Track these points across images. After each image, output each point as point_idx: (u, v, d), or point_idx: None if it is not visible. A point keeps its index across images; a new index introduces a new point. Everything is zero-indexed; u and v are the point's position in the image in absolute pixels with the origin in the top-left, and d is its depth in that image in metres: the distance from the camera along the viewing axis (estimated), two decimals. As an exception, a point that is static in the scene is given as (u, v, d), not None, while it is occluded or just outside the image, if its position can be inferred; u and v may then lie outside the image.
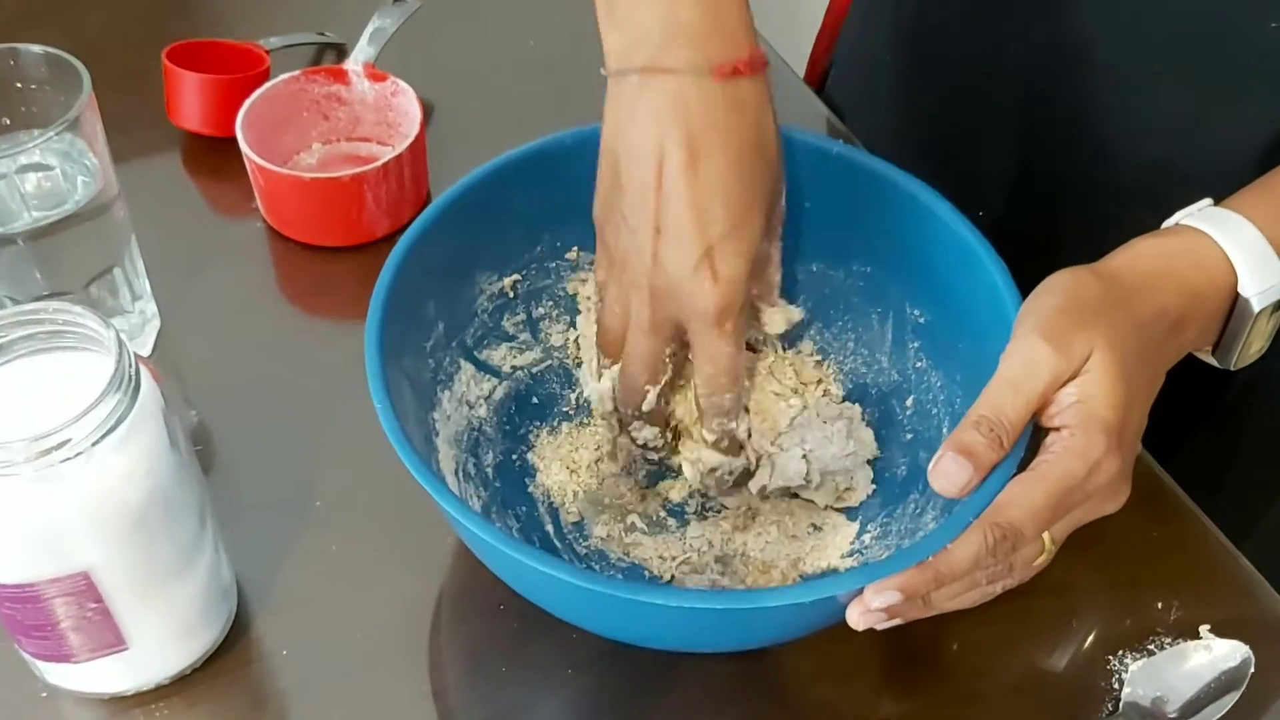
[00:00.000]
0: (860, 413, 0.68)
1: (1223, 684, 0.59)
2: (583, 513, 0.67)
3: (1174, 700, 0.59)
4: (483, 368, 0.68)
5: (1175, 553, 0.66)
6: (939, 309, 0.65)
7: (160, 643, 0.58)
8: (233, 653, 0.61)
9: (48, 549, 0.51)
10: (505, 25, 0.97)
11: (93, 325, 0.51)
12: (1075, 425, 0.52)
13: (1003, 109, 0.80)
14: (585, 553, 0.65)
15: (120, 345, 0.50)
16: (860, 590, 0.50)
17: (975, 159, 0.83)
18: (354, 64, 0.84)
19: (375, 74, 0.84)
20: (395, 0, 0.89)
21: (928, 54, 0.86)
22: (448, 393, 0.65)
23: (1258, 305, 0.57)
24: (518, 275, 0.68)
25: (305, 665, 0.61)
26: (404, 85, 0.83)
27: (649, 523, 0.67)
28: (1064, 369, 0.52)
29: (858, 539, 0.65)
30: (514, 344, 0.69)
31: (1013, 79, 0.78)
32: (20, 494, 0.49)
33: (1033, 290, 0.57)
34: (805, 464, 0.64)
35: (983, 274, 0.60)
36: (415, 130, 0.80)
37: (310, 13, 0.97)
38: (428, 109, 0.86)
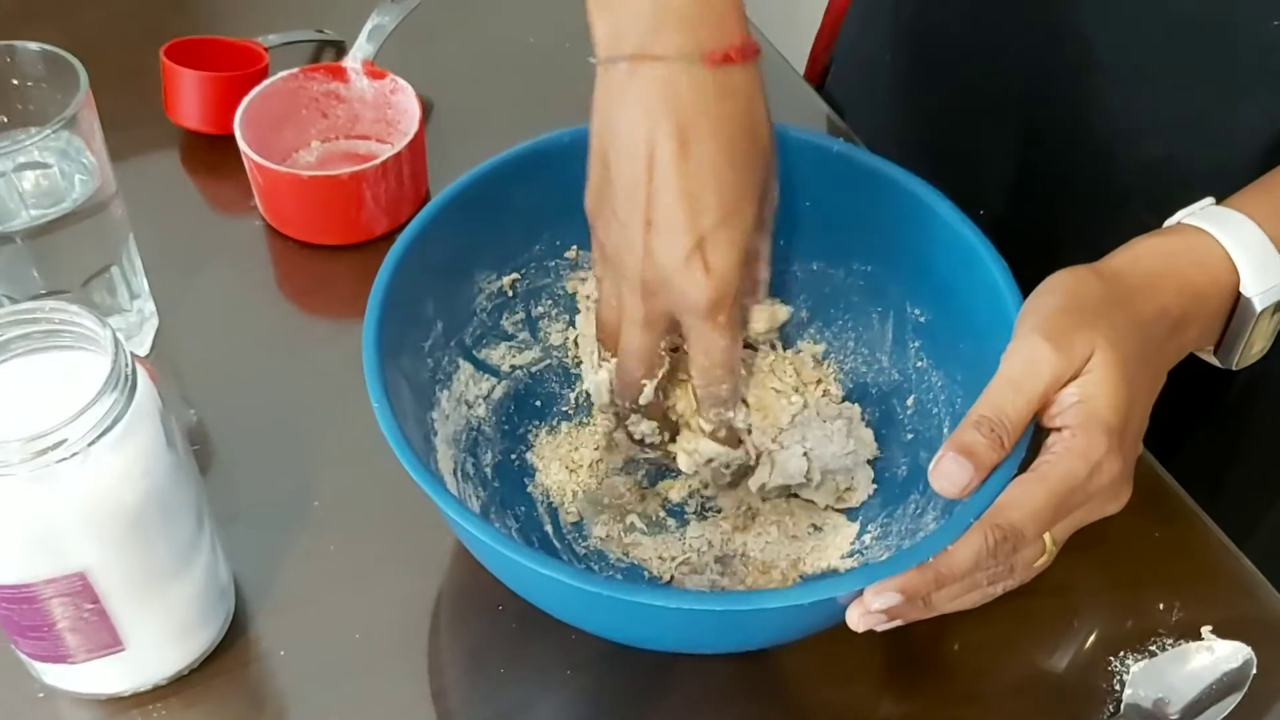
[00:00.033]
0: (860, 412, 0.68)
1: (1225, 685, 0.59)
2: (582, 513, 0.66)
3: (1176, 702, 0.59)
4: (481, 367, 0.68)
5: (1177, 553, 0.66)
6: (940, 308, 0.65)
7: (157, 643, 0.57)
8: (230, 653, 0.61)
9: (44, 549, 0.50)
10: (505, 23, 0.97)
11: (89, 324, 0.51)
12: (1076, 426, 0.51)
13: (1003, 108, 0.80)
14: (584, 553, 0.65)
15: (117, 345, 0.50)
16: (860, 592, 0.50)
17: (976, 158, 0.83)
18: (353, 61, 0.84)
19: (374, 71, 0.83)
20: (394, -3, 0.89)
21: (927, 53, 0.85)
22: (446, 392, 0.65)
23: (1260, 305, 0.57)
24: (517, 274, 0.68)
25: (303, 666, 0.61)
26: (403, 83, 0.82)
27: (648, 523, 0.66)
28: (1065, 369, 0.52)
29: (858, 539, 0.64)
30: (513, 343, 0.69)
31: (1013, 79, 0.78)
32: (16, 494, 0.49)
33: (1033, 289, 0.56)
34: (806, 462, 0.64)
35: (984, 273, 0.60)
36: (414, 128, 0.79)
37: (309, 10, 0.96)
38: (427, 107, 0.86)
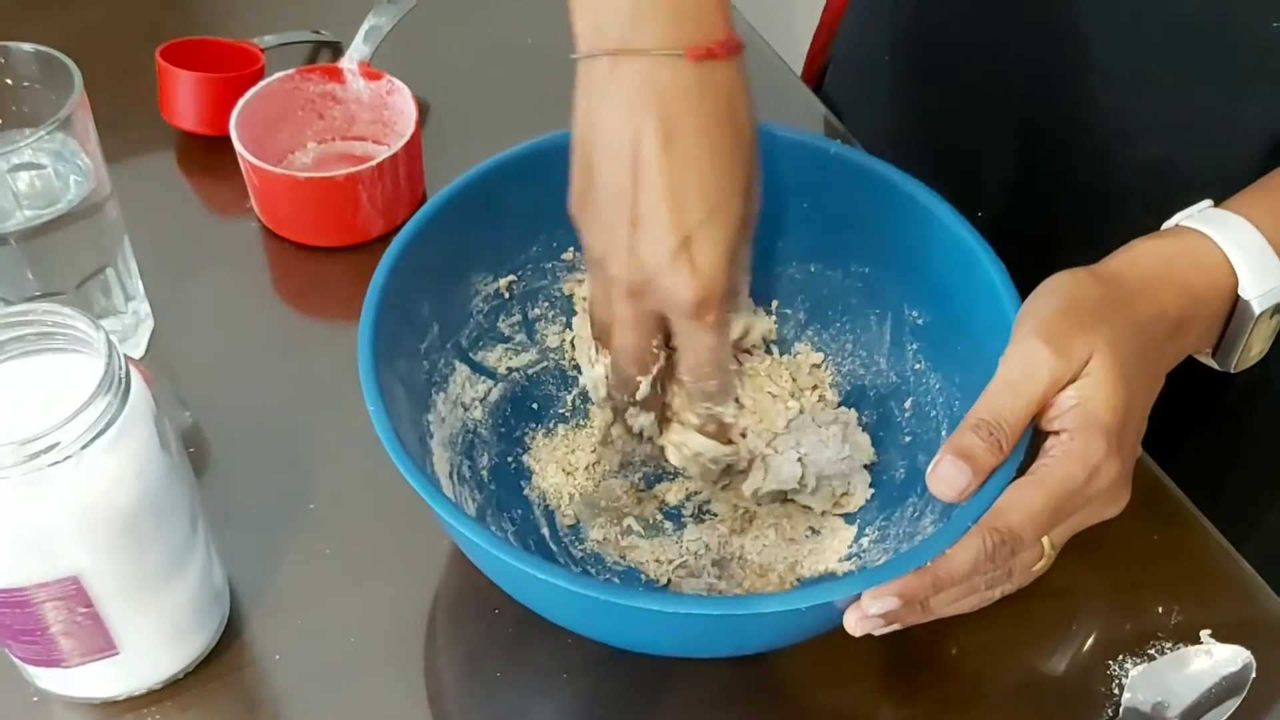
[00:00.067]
0: (856, 418, 0.68)
1: (1224, 689, 0.59)
2: (579, 515, 0.66)
3: (1175, 705, 0.58)
4: (478, 369, 0.67)
5: (1176, 556, 0.66)
6: (938, 310, 0.65)
7: (151, 647, 0.57)
8: (225, 657, 0.60)
9: (37, 553, 0.50)
10: (502, 24, 0.97)
11: (82, 327, 0.51)
12: (1075, 429, 0.51)
13: (1002, 109, 0.80)
14: (581, 556, 0.65)
15: (110, 347, 0.50)
16: (858, 596, 0.49)
17: (974, 159, 0.83)
18: (349, 62, 0.83)
19: (370, 72, 0.83)
20: (391, -2, 0.88)
21: (926, 54, 0.85)
22: (442, 395, 0.64)
23: (1258, 308, 0.57)
24: (513, 276, 0.68)
25: (299, 670, 0.60)
26: (399, 84, 0.82)
27: (646, 525, 0.66)
28: (1064, 371, 0.52)
29: (855, 542, 0.64)
30: (510, 345, 0.69)
31: (1012, 79, 0.78)
32: (9, 497, 0.49)
33: (1032, 291, 0.56)
34: (800, 467, 0.64)
35: (982, 275, 0.60)
36: (411, 129, 0.79)
37: (305, 11, 0.96)
38: (423, 108, 0.86)
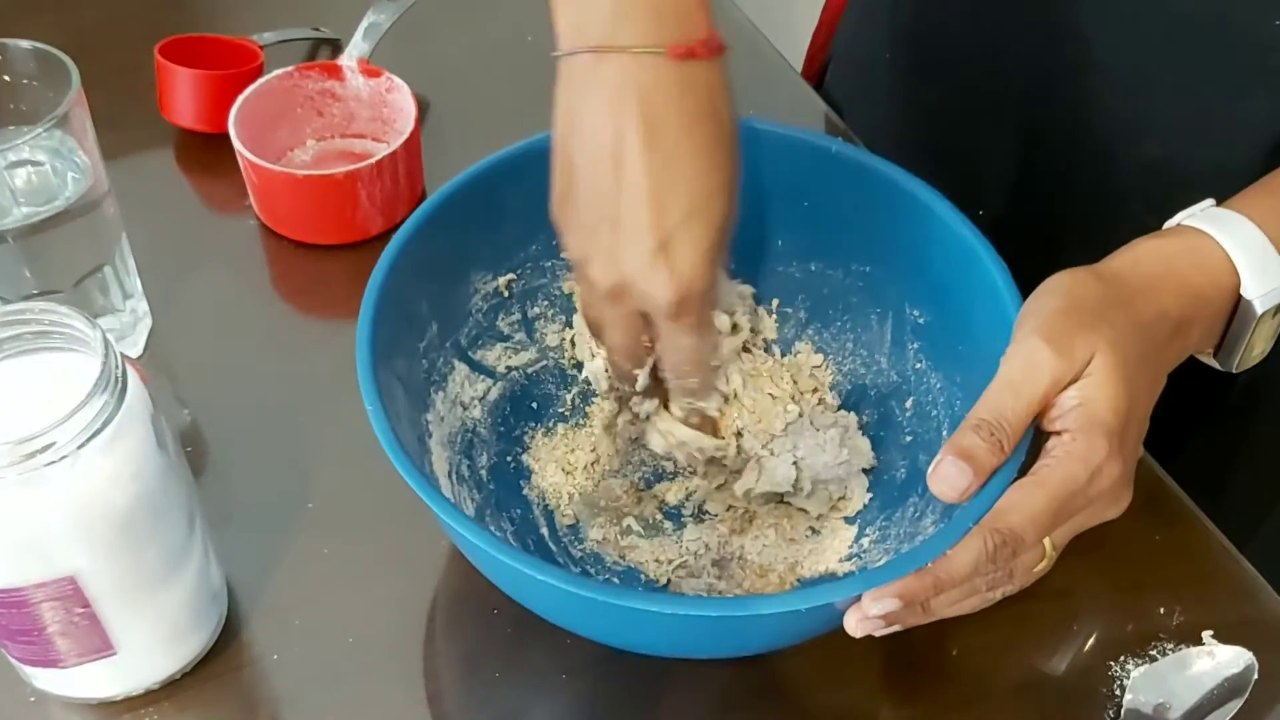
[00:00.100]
0: (856, 421, 0.67)
1: (1226, 691, 0.58)
2: (578, 515, 0.66)
3: (1177, 707, 0.58)
4: (477, 368, 0.67)
5: (1177, 556, 0.65)
6: (939, 309, 0.64)
7: (148, 647, 0.57)
8: (223, 657, 0.60)
9: (33, 553, 0.50)
10: (502, 21, 0.97)
11: (79, 326, 0.51)
12: (1076, 429, 0.51)
13: (1002, 108, 0.80)
14: (581, 556, 0.64)
15: (107, 346, 0.50)
16: (858, 597, 0.49)
17: (975, 158, 0.83)
18: (348, 60, 0.83)
19: (370, 70, 0.83)
20: (390, -5, 0.88)
21: (927, 53, 0.85)
22: (441, 394, 0.64)
23: (1260, 307, 0.56)
24: (513, 274, 0.68)
25: (297, 670, 0.60)
26: (399, 81, 0.82)
27: (645, 525, 0.66)
28: (1065, 371, 0.52)
29: (856, 543, 0.64)
30: (509, 344, 0.69)
31: (1013, 79, 0.77)
32: (5, 497, 0.48)
33: (1033, 291, 0.56)
34: (795, 470, 0.64)
35: (983, 274, 0.59)
36: (410, 127, 0.79)
37: (304, 8, 0.96)
38: (423, 105, 0.86)
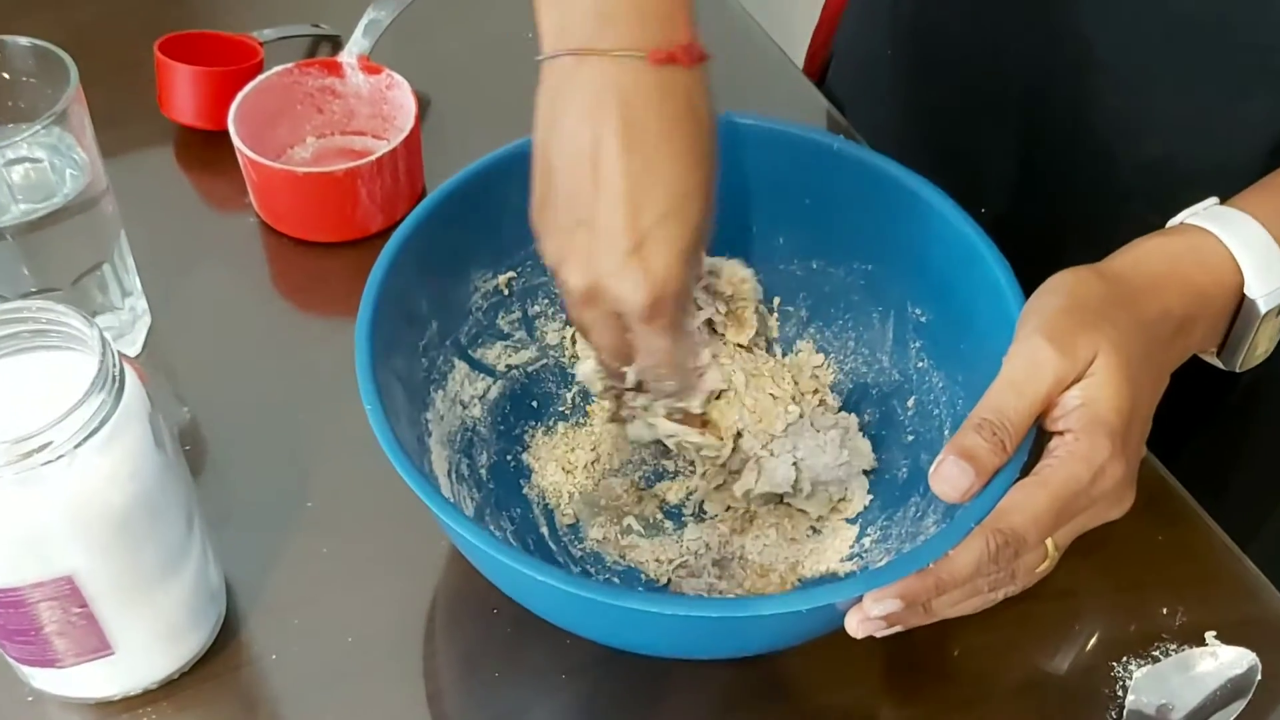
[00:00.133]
0: (857, 422, 0.67)
1: (1229, 692, 0.58)
2: (578, 514, 0.66)
3: (1179, 708, 0.58)
4: (477, 367, 0.67)
5: (1180, 556, 0.65)
6: (941, 308, 0.64)
7: (147, 647, 0.57)
8: (222, 657, 0.60)
9: (31, 553, 0.50)
10: (502, 18, 0.96)
11: (76, 324, 0.50)
12: (1079, 429, 0.51)
13: (1003, 108, 0.79)
14: (581, 555, 0.64)
15: (104, 345, 0.50)
16: (859, 598, 0.49)
17: (976, 157, 0.82)
18: (348, 57, 0.83)
19: (370, 67, 0.83)
20: (390, -8, 0.88)
21: (927, 52, 0.85)
22: (441, 392, 0.64)
23: (1264, 307, 0.56)
24: (513, 272, 0.67)
25: (296, 669, 0.60)
26: (399, 78, 0.82)
27: (646, 525, 0.66)
28: (1068, 371, 0.51)
29: (857, 542, 0.64)
30: (509, 342, 0.68)
31: (1013, 78, 0.77)
32: (2, 497, 0.48)
33: (1035, 289, 0.56)
34: (795, 471, 0.63)
35: (985, 272, 0.59)
36: (410, 124, 0.79)
37: (304, 5, 0.95)
38: (423, 102, 0.85)
